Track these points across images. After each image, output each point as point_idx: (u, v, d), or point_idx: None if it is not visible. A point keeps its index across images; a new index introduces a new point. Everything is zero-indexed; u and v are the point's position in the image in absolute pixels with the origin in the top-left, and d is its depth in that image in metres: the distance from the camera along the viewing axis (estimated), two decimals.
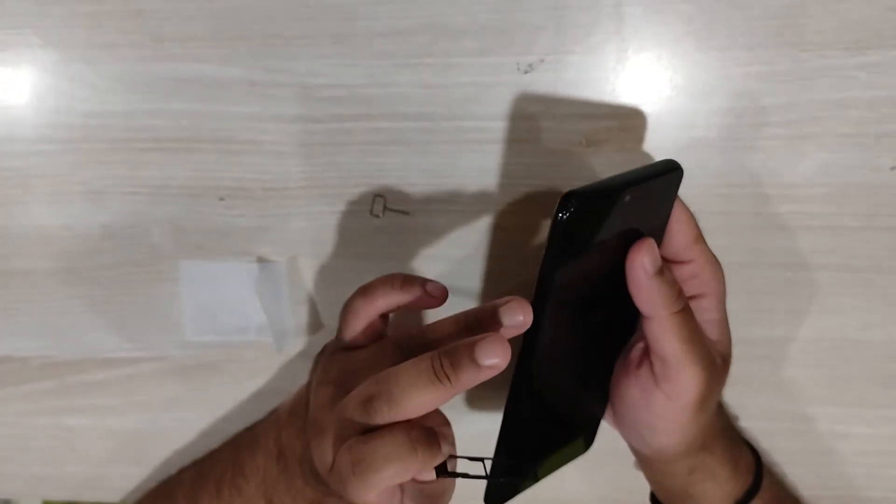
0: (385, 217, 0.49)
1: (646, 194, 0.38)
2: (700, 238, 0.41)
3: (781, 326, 0.51)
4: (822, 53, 0.45)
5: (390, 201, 0.49)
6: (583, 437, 0.47)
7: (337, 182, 0.49)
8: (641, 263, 0.37)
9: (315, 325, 0.53)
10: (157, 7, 0.46)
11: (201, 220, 0.50)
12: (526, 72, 0.46)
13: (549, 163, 0.48)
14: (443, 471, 0.36)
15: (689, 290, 0.42)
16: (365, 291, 0.42)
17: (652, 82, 0.46)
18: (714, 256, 0.42)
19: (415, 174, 0.48)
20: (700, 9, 0.44)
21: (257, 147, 0.48)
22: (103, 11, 0.46)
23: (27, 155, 0.49)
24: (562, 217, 0.34)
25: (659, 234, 0.40)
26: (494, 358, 0.33)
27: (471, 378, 0.34)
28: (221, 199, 0.50)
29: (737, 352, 0.51)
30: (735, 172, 0.47)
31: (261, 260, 0.51)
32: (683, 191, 0.44)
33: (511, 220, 0.49)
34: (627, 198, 0.36)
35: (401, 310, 0.42)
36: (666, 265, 0.39)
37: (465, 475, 0.37)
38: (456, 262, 0.50)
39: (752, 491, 0.47)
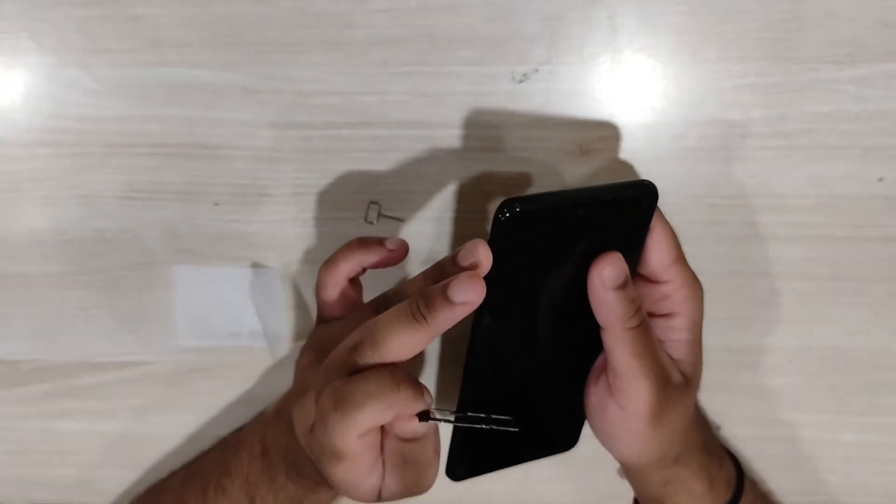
0: (379, 224, 0.49)
1: (608, 212, 0.38)
2: (679, 259, 0.41)
3: (769, 335, 0.51)
4: (813, 67, 0.45)
5: (385, 208, 0.49)
6: (565, 434, 0.47)
7: (331, 189, 0.49)
8: (600, 276, 0.38)
9: (308, 330, 0.53)
10: (154, 12, 0.46)
11: (195, 226, 0.50)
12: (520, 81, 0.46)
13: (542, 171, 0.48)
14: (425, 416, 0.37)
15: (660, 308, 0.42)
16: (327, 262, 0.44)
17: (645, 93, 0.46)
18: (693, 278, 0.42)
19: (409, 182, 0.49)
20: (693, 21, 0.45)
21: (252, 153, 0.49)
22: (99, 16, 0.47)
23: (21, 158, 0.49)
24: (500, 218, 0.35)
25: (632, 252, 0.41)
26: (466, 294, 0.34)
27: (446, 316, 0.35)
28: (216, 204, 0.50)
29: (724, 359, 0.52)
30: (725, 182, 0.48)
31: (255, 265, 0.51)
32: (676, 200, 0.44)
33: None
34: (580, 212, 0.37)
35: (364, 270, 0.44)
36: (631, 281, 0.39)
37: (448, 420, 0.38)
38: None
39: None
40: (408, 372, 0.37)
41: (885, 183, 0.47)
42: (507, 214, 0.35)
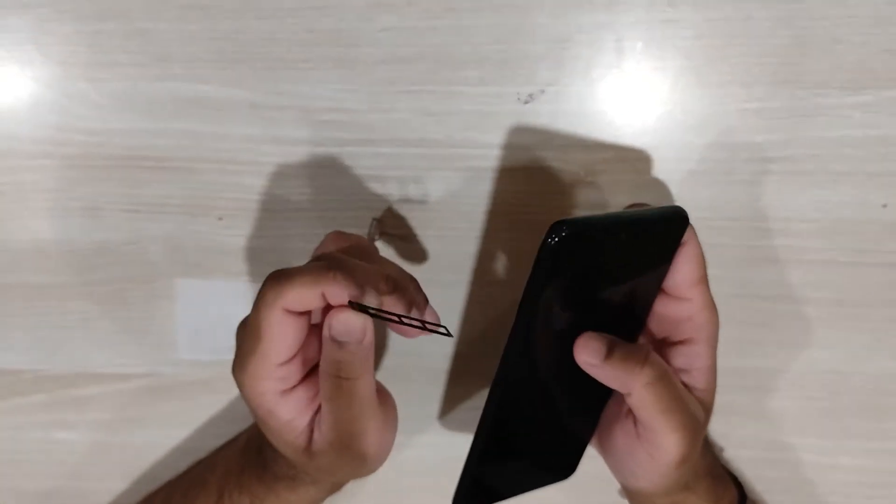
0: (382, 241, 0.50)
1: (644, 237, 0.38)
2: (703, 280, 0.41)
3: (770, 358, 0.51)
4: (818, 92, 0.45)
5: (387, 226, 0.49)
6: (565, 462, 0.47)
7: (335, 205, 0.49)
8: (584, 362, 0.39)
9: None
10: (161, 27, 0.47)
11: (199, 239, 0.50)
12: (526, 102, 0.46)
13: (546, 192, 0.48)
14: (358, 308, 0.36)
15: (682, 331, 0.42)
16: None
17: (650, 116, 0.46)
18: (712, 302, 0.42)
19: (413, 200, 0.49)
20: (699, 45, 0.45)
21: (257, 168, 0.49)
22: (106, 30, 0.47)
23: (26, 170, 0.49)
24: (550, 242, 0.34)
25: (658, 278, 0.41)
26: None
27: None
28: (220, 218, 0.50)
29: (726, 381, 0.51)
30: (729, 205, 0.48)
31: (257, 280, 0.51)
32: None
33: (508, 247, 0.49)
34: (623, 236, 0.36)
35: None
36: (612, 341, 0.39)
37: (381, 315, 0.36)
38: (449, 286, 0.51)
39: None
40: (355, 264, 0.37)
41: (888, 209, 0.47)
42: (556, 239, 0.34)
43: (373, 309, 0.36)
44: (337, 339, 0.36)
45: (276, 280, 0.37)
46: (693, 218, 0.48)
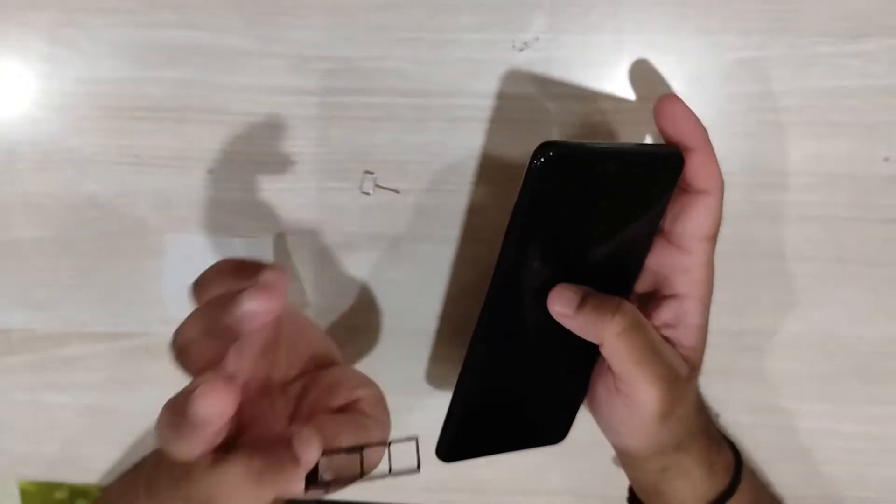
0: (375, 195, 0.49)
1: (637, 173, 0.37)
2: (713, 238, 0.40)
3: (768, 318, 0.50)
4: (817, 40, 0.45)
5: (380, 179, 0.49)
6: (556, 425, 0.46)
7: (327, 157, 0.48)
8: (557, 313, 0.38)
9: (300, 302, 0.52)
10: None
11: (189, 193, 0.50)
12: (521, 49, 0.46)
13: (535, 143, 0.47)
14: (312, 480, 0.32)
15: (674, 286, 0.41)
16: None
17: (647, 65, 0.46)
18: (713, 263, 0.41)
19: (406, 151, 0.48)
20: None
21: (249, 119, 0.48)
22: None
23: (15, 120, 0.49)
24: (536, 163, 0.33)
25: (652, 219, 0.40)
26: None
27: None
28: (210, 171, 0.49)
29: (722, 342, 0.51)
30: (727, 159, 0.46)
31: (247, 235, 0.50)
32: None
33: (501, 202, 0.49)
34: (613, 167, 0.36)
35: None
36: (587, 292, 0.38)
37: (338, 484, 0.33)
38: (441, 241, 0.50)
39: (728, 492, 0.46)
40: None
41: (890, 163, 0.47)
42: (542, 160, 0.33)
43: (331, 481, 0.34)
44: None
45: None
46: None
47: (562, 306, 0.38)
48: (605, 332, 0.38)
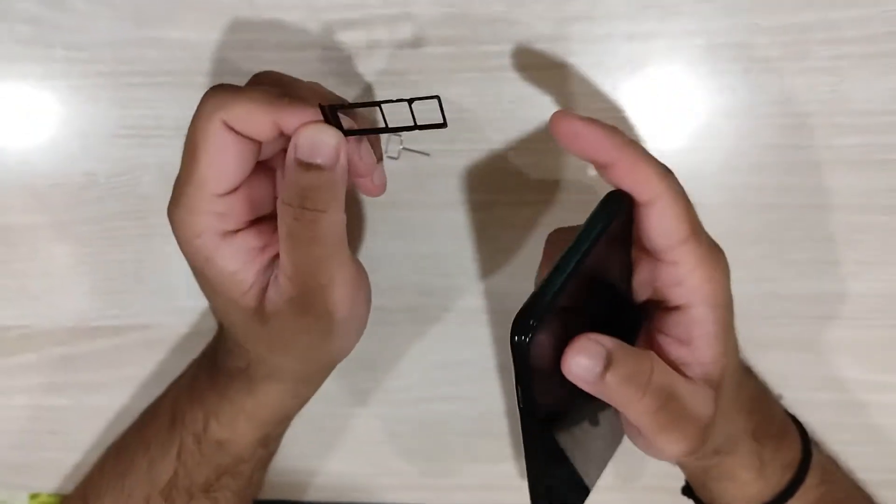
0: (402, 158, 0.43)
1: (598, 255, 0.32)
2: (692, 237, 0.33)
3: (852, 280, 0.45)
4: None
5: (408, 141, 0.43)
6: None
7: None
8: (577, 379, 0.31)
9: None
10: None
11: None
12: None
13: (585, 92, 0.42)
14: (332, 115, 0.32)
15: (675, 298, 0.34)
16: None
17: None
18: (711, 252, 0.34)
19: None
20: None
21: None
22: None
23: (2, 94, 0.44)
24: (519, 341, 0.29)
25: (627, 265, 0.36)
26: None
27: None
28: None
29: (800, 310, 0.45)
30: (798, 99, 0.42)
31: None
32: (737, 123, 0.38)
33: (547, 161, 0.43)
34: (582, 275, 0.31)
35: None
36: (610, 357, 0.31)
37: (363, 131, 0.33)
38: (480, 207, 0.45)
39: (787, 492, 0.41)
40: (312, 91, 0.36)
41: None
42: (525, 339, 0.29)
43: (349, 129, 0.32)
44: (304, 159, 0.31)
45: (218, 90, 0.33)
46: (757, 114, 0.42)
47: (581, 372, 0.30)
48: (633, 411, 0.32)
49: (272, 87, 0.34)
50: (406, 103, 0.31)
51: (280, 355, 0.37)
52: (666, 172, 0.32)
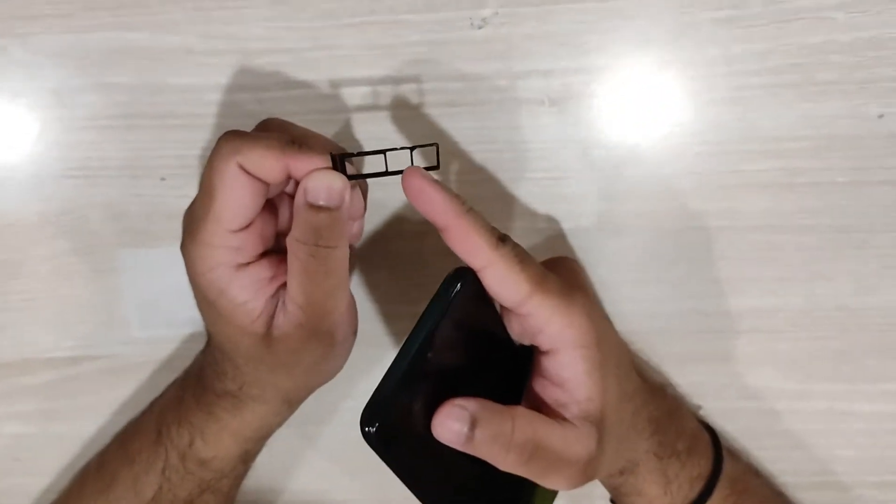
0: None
1: (451, 326, 0.34)
2: (535, 292, 0.34)
3: (770, 296, 0.47)
4: None
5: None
6: None
7: None
8: (448, 441, 0.32)
9: None
10: None
11: (143, 203, 0.47)
12: (479, 27, 0.43)
13: (509, 125, 0.44)
14: (340, 164, 0.35)
15: (541, 344, 0.36)
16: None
17: (615, 32, 0.43)
18: (563, 299, 0.35)
19: (365, 142, 0.45)
20: None
21: (199, 120, 0.45)
22: None
23: None
24: (368, 431, 0.31)
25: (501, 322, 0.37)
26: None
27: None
28: (163, 178, 0.46)
29: (723, 325, 0.47)
30: (710, 128, 0.44)
31: None
32: (654, 151, 0.40)
33: (475, 191, 0.45)
34: (429, 354, 0.33)
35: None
36: (475, 420, 0.32)
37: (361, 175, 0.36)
38: (408, 237, 0.47)
39: None
40: (318, 141, 0.39)
41: (885, 119, 0.43)
42: (372, 430, 0.31)
43: (353, 175, 0.35)
44: (315, 202, 0.34)
45: (233, 136, 0.35)
46: (672, 144, 0.44)
47: (451, 436, 0.32)
48: (502, 464, 0.33)
49: (279, 133, 0.37)
50: (408, 150, 0.35)
51: (281, 375, 0.40)
52: (499, 241, 0.34)
